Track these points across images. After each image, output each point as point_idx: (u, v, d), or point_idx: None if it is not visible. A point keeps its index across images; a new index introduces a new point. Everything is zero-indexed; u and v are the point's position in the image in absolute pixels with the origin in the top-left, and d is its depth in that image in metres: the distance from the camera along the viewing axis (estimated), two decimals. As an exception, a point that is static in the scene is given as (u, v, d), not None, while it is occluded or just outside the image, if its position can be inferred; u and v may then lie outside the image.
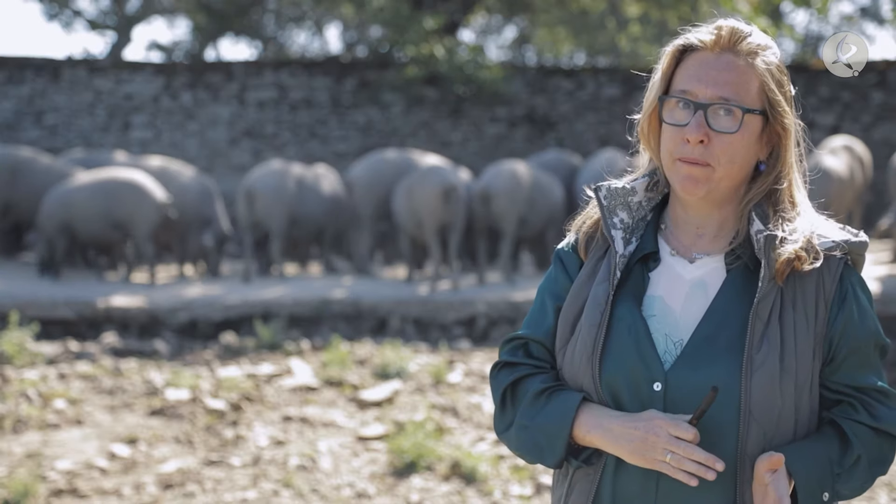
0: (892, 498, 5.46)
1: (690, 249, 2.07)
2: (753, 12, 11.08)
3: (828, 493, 1.93)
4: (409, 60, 16.87)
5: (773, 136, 2.03)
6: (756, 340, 1.95)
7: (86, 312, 10.33)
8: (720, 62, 2.00)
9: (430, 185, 11.14)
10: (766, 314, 1.96)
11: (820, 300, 1.98)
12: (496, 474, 5.82)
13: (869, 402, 1.99)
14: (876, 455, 1.99)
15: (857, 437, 1.97)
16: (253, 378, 8.01)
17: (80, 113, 17.42)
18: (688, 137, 1.97)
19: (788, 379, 1.95)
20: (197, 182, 12.78)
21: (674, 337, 2.01)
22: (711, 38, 2.02)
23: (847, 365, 2.00)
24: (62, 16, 22.49)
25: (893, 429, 1.98)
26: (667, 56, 2.05)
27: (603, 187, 2.13)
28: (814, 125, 16.73)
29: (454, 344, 9.59)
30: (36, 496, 5.52)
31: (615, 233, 2.09)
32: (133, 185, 11.83)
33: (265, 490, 5.66)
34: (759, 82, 2.00)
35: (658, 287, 2.07)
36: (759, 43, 2.03)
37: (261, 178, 12.28)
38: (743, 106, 1.97)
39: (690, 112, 1.98)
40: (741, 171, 2.01)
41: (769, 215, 2.01)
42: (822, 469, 1.94)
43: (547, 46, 26.49)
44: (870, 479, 2.00)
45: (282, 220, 12.17)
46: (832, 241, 2.00)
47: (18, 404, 7.19)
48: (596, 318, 2.05)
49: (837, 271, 2.00)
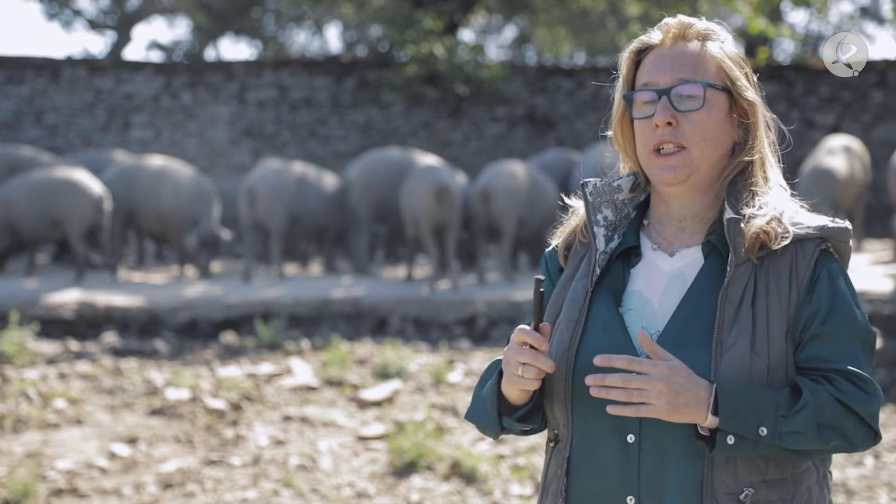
0: (892, 498, 5.46)
1: (672, 244, 2.10)
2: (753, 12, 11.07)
3: (766, 429, 1.91)
4: (409, 60, 16.87)
5: (742, 115, 2.06)
6: (726, 324, 1.96)
7: (86, 312, 10.33)
8: (674, 51, 2.06)
9: (423, 186, 11.16)
10: (738, 298, 1.97)
11: (793, 285, 1.99)
12: (496, 474, 5.82)
13: (837, 379, 1.96)
14: (832, 421, 1.94)
15: (811, 392, 1.94)
16: (253, 378, 8.01)
17: (80, 113, 17.42)
18: (656, 122, 2.02)
19: (760, 361, 1.96)
20: (192, 182, 12.69)
21: (651, 329, 2.03)
22: (662, 34, 2.09)
23: (815, 348, 1.98)
24: (62, 15, 22.50)
25: (857, 405, 1.94)
26: (625, 61, 2.11)
27: (589, 184, 2.16)
28: (814, 125, 16.73)
29: (454, 343, 9.59)
30: (36, 496, 5.52)
31: (597, 230, 2.12)
32: (69, 182, 11.83)
33: (265, 490, 5.66)
34: (715, 62, 2.05)
35: (638, 282, 2.09)
36: (709, 28, 2.10)
37: (261, 177, 12.27)
38: (703, 81, 2.02)
39: (655, 101, 2.03)
40: (716, 150, 2.04)
41: (742, 195, 2.03)
42: (763, 403, 1.92)
43: (547, 46, 26.49)
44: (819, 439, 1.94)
45: (282, 219, 12.16)
46: (807, 226, 2.01)
47: (18, 404, 7.19)
48: (574, 315, 2.09)
49: (813, 257, 2.00)
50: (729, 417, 1.91)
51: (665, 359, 1.92)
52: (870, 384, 1.97)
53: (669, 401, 1.89)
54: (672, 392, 1.90)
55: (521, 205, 11.52)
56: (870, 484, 5.64)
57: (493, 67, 17.05)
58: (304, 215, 12.42)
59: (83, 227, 11.86)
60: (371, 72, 17.50)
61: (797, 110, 16.91)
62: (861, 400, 1.95)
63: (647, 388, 1.90)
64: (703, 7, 19.09)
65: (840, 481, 5.64)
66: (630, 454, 1.99)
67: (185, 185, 12.60)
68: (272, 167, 12.54)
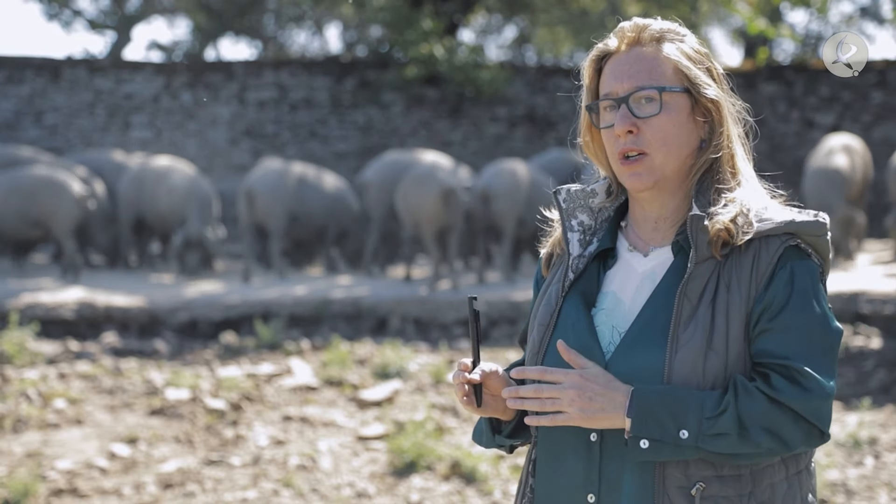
0: (892, 498, 5.46)
1: (648, 244, 2.10)
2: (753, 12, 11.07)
3: (687, 432, 1.89)
4: (409, 60, 16.87)
5: (706, 113, 2.05)
6: (683, 320, 1.96)
7: (86, 312, 10.33)
8: (630, 57, 2.06)
9: (428, 189, 11.11)
10: (697, 295, 1.97)
11: (753, 281, 1.97)
12: (496, 474, 5.82)
13: (774, 377, 1.92)
14: (761, 420, 1.90)
15: (738, 390, 1.91)
16: (253, 378, 8.01)
17: (80, 113, 17.42)
18: (617, 132, 2.03)
19: (716, 358, 1.94)
20: (186, 182, 12.62)
21: (620, 328, 2.04)
22: (617, 39, 2.09)
23: (762, 342, 1.95)
24: (62, 16, 22.49)
25: (794, 403, 1.90)
26: (586, 70, 2.13)
27: (563, 190, 2.19)
28: (814, 125, 16.73)
29: (454, 344, 9.59)
30: (36, 496, 5.52)
31: (571, 235, 2.15)
32: (50, 182, 11.82)
33: (265, 490, 5.66)
34: (671, 63, 2.04)
35: (613, 282, 2.11)
36: (663, 28, 2.08)
37: (260, 177, 12.26)
38: (658, 86, 2.02)
39: (616, 109, 2.04)
40: (680, 151, 2.04)
41: (709, 192, 2.02)
42: (687, 406, 1.90)
43: (547, 46, 26.49)
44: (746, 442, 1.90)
45: (281, 219, 12.15)
46: (773, 221, 1.99)
47: (18, 404, 7.19)
48: (546, 319, 2.12)
49: (776, 253, 1.97)
50: (640, 421, 1.91)
51: (583, 366, 1.96)
52: (812, 380, 1.92)
53: (582, 407, 1.93)
54: (585, 399, 1.93)
55: (521, 205, 11.51)
56: (870, 484, 5.63)
57: (492, 68, 17.05)
58: (304, 215, 12.41)
59: (69, 227, 11.85)
60: (371, 72, 17.50)
61: (797, 110, 16.91)
62: (796, 396, 1.91)
63: (559, 397, 1.94)
64: (703, 7, 19.09)
65: (840, 481, 5.64)
66: (592, 452, 2.01)
67: (179, 186, 12.57)
68: (272, 167, 12.53)
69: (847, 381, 7.84)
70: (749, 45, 22.70)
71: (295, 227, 12.47)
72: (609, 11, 22.16)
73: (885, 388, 7.66)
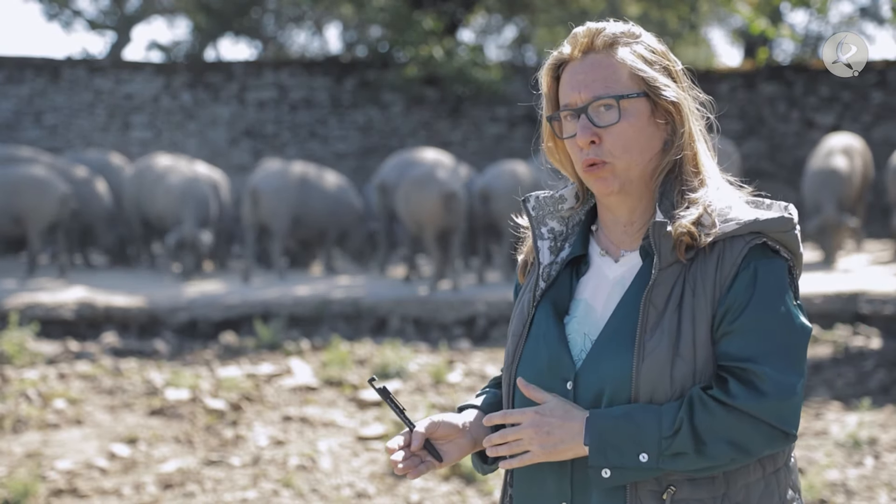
0: (892, 498, 5.46)
1: (619, 248, 2.09)
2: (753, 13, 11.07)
3: (647, 455, 1.88)
4: (409, 60, 16.87)
5: (666, 113, 2.03)
6: (649, 327, 1.95)
7: (86, 312, 10.33)
8: (584, 65, 2.04)
9: (430, 192, 11.08)
10: (662, 301, 1.95)
11: (717, 284, 1.95)
12: (496, 474, 5.81)
13: (729, 379, 1.91)
14: (723, 433, 1.89)
15: (692, 404, 1.90)
16: (253, 378, 8.01)
17: (80, 113, 17.42)
18: (579, 143, 2.02)
19: (683, 365, 1.93)
20: (183, 183, 12.57)
21: (592, 335, 2.03)
22: (571, 46, 2.07)
23: (723, 345, 1.93)
24: (62, 16, 22.50)
25: (747, 407, 1.88)
26: (543, 78, 2.13)
27: (531, 198, 2.18)
28: (814, 125, 16.73)
29: (454, 344, 9.59)
30: (36, 496, 5.52)
31: (542, 243, 2.13)
32: (32, 179, 11.83)
33: (265, 490, 5.66)
34: (626, 68, 2.02)
35: (586, 290, 2.09)
36: (615, 32, 2.06)
37: (264, 178, 12.27)
38: (616, 94, 2.00)
39: (576, 121, 2.03)
40: (642, 155, 2.02)
41: (673, 193, 2.01)
42: (644, 428, 1.89)
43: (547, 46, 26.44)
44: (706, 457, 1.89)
45: (285, 219, 12.14)
46: (737, 221, 1.96)
47: (18, 404, 7.19)
48: (518, 329, 2.12)
49: (741, 253, 1.95)
50: (598, 450, 1.92)
51: (543, 400, 1.98)
52: (769, 382, 1.90)
53: (542, 443, 1.95)
54: (543, 434, 1.95)
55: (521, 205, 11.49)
56: (870, 484, 5.63)
57: (492, 69, 17.04)
58: (307, 215, 12.39)
59: (44, 224, 11.88)
60: (371, 72, 17.50)
61: (797, 110, 16.91)
62: (752, 401, 1.89)
63: (521, 437, 1.97)
64: (703, 7, 19.09)
65: (840, 481, 5.64)
66: (564, 463, 2.01)
67: (175, 186, 12.53)
68: (274, 167, 12.53)
69: (847, 381, 7.84)
70: (749, 45, 22.70)
71: (298, 227, 12.45)
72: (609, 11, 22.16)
73: (885, 388, 7.66)
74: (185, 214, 12.26)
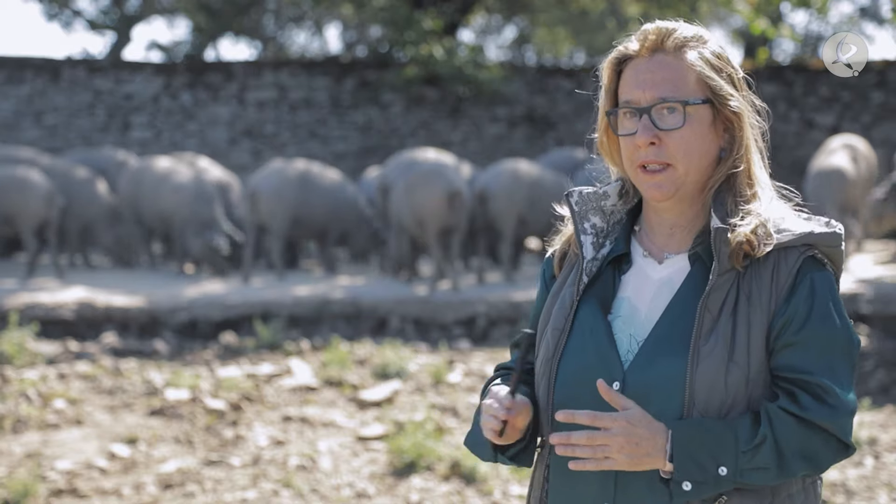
0: (892, 498, 5.46)
1: (663, 250, 2.09)
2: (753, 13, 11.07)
3: (726, 469, 1.88)
4: (409, 60, 16.87)
5: (727, 122, 2.03)
6: (704, 332, 1.95)
7: (86, 312, 10.33)
8: (652, 64, 2.02)
9: (434, 189, 11.04)
10: (717, 307, 1.96)
11: (773, 294, 1.96)
12: (496, 474, 5.82)
13: (798, 392, 1.92)
14: (797, 448, 1.90)
15: (771, 419, 1.91)
16: (253, 378, 8.01)
17: (80, 113, 17.42)
18: (638, 143, 2.00)
19: (737, 372, 1.94)
20: (195, 183, 12.59)
21: (638, 337, 2.03)
22: (640, 43, 2.05)
23: (785, 357, 1.95)
24: (62, 16, 22.49)
25: (823, 422, 1.91)
26: (605, 71, 2.09)
27: (574, 192, 2.16)
28: (814, 125, 16.74)
29: (454, 344, 9.59)
30: (36, 496, 5.52)
31: (584, 238, 2.12)
32: (15, 179, 11.85)
33: (265, 490, 5.66)
34: (694, 73, 2.01)
35: (627, 289, 2.09)
36: (687, 35, 2.04)
37: (263, 178, 12.26)
38: (682, 99, 1.99)
39: (637, 119, 2.01)
40: (701, 162, 2.02)
41: (727, 203, 2.01)
42: (722, 441, 1.89)
43: (547, 46, 26.50)
44: (783, 471, 1.91)
45: (284, 220, 12.13)
46: (791, 233, 1.98)
47: (18, 404, 7.19)
48: (560, 323, 2.09)
49: (795, 265, 1.97)
50: (683, 465, 1.90)
51: (625, 407, 1.93)
52: (835, 396, 1.92)
53: (630, 453, 1.91)
54: (632, 445, 1.90)
55: (520, 205, 11.49)
56: (870, 484, 5.63)
57: (492, 69, 17.04)
58: (307, 216, 12.37)
59: (33, 224, 11.93)
60: (371, 72, 17.50)
61: (797, 110, 16.91)
62: (825, 414, 1.91)
63: (609, 444, 1.91)
64: (703, 7, 19.09)
65: (840, 481, 5.64)
66: None
67: (184, 186, 12.54)
68: (274, 167, 12.51)
69: (847, 381, 7.83)
70: (749, 45, 22.71)
71: (298, 227, 12.43)
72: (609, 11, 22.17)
73: (885, 388, 7.66)
74: (216, 214, 12.31)
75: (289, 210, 12.14)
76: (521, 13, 21.02)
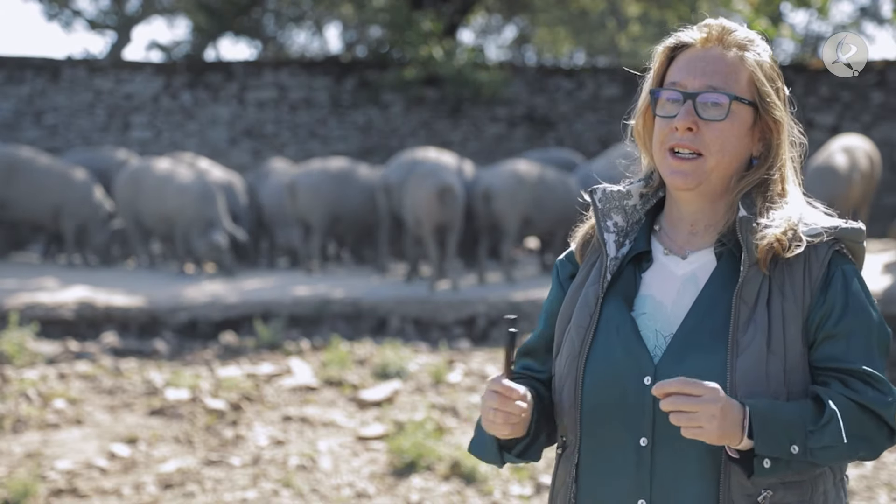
0: (892, 498, 5.46)
1: (684, 248, 2.09)
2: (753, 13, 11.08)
3: (797, 447, 1.89)
4: (409, 61, 16.87)
5: (766, 130, 2.05)
6: (742, 323, 1.96)
7: (86, 312, 10.33)
8: (709, 55, 2.04)
9: (426, 186, 11.08)
10: (753, 298, 1.97)
11: (807, 287, 1.98)
12: (496, 474, 5.82)
13: (851, 381, 1.95)
14: (856, 429, 1.93)
15: (833, 401, 1.92)
16: (253, 378, 8.01)
17: (80, 113, 17.42)
18: (676, 126, 2.01)
19: (776, 361, 1.95)
20: (199, 184, 12.57)
21: (664, 332, 2.03)
22: (701, 35, 2.07)
23: (829, 348, 1.97)
24: (62, 16, 22.51)
25: (877, 407, 1.94)
26: (658, 55, 2.09)
27: (598, 190, 2.16)
28: (814, 125, 16.73)
29: (454, 344, 9.59)
30: (36, 496, 5.52)
31: (608, 236, 2.12)
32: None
33: (265, 490, 5.66)
34: (748, 74, 2.03)
35: (650, 286, 2.09)
36: (748, 37, 2.07)
37: (304, 173, 12.52)
38: (730, 93, 2.01)
39: (680, 103, 2.02)
40: (732, 161, 2.03)
41: (756, 204, 2.02)
42: (791, 421, 1.90)
43: (547, 46, 26.49)
44: (848, 450, 1.93)
45: (323, 216, 12.31)
46: (819, 227, 2.00)
47: (18, 404, 7.19)
48: (584, 321, 2.09)
49: (826, 258, 1.99)
50: (765, 441, 1.89)
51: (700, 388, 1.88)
52: (884, 384, 1.96)
53: (720, 424, 1.87)
54: (723, 416, 1.87)
55: (523, 205, 11.48)
56: (870, 484, 5.64)
57: (492, 69, 17.04)
58: (346, 212, 12.53)
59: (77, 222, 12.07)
60: (371, 72, 17.50)
61: (797, 110, 16.90)
62: (879, 401, 1.95)
63: (699, 411, 1.86)
64: (703, 7, 19.08)
65: (840, 481, 5.64)
66: (642, 457, 1.99)
67: (188, 187, 12.52)
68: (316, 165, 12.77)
69: (847, 381, 7.84)
70: (749, 46, 22.65)
71: (336, 223, 12.60)
72: (609, 11, 22.17)
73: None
74: (220, 213, 12.35)
75: (327, 206, 12.32)
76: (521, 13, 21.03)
